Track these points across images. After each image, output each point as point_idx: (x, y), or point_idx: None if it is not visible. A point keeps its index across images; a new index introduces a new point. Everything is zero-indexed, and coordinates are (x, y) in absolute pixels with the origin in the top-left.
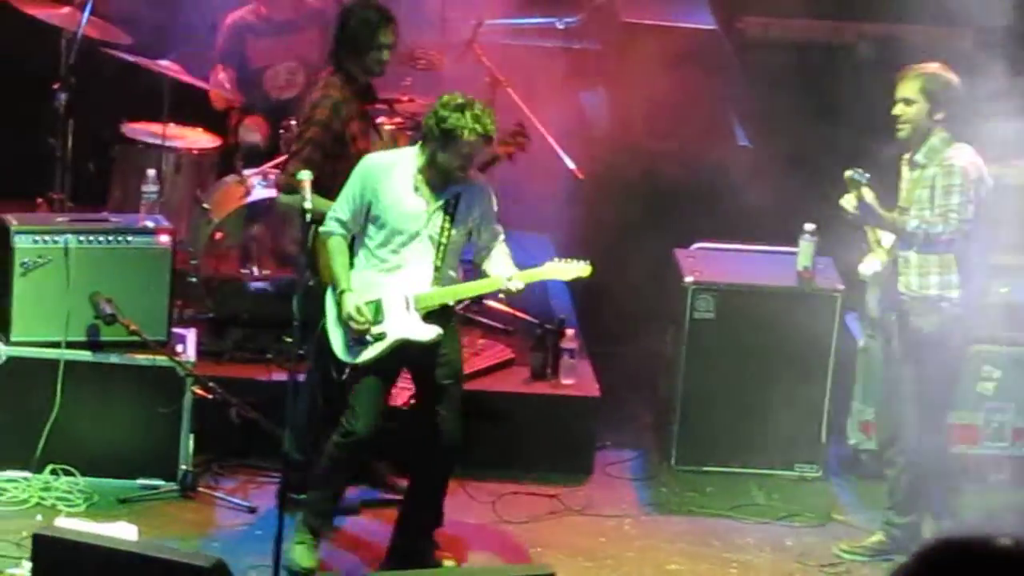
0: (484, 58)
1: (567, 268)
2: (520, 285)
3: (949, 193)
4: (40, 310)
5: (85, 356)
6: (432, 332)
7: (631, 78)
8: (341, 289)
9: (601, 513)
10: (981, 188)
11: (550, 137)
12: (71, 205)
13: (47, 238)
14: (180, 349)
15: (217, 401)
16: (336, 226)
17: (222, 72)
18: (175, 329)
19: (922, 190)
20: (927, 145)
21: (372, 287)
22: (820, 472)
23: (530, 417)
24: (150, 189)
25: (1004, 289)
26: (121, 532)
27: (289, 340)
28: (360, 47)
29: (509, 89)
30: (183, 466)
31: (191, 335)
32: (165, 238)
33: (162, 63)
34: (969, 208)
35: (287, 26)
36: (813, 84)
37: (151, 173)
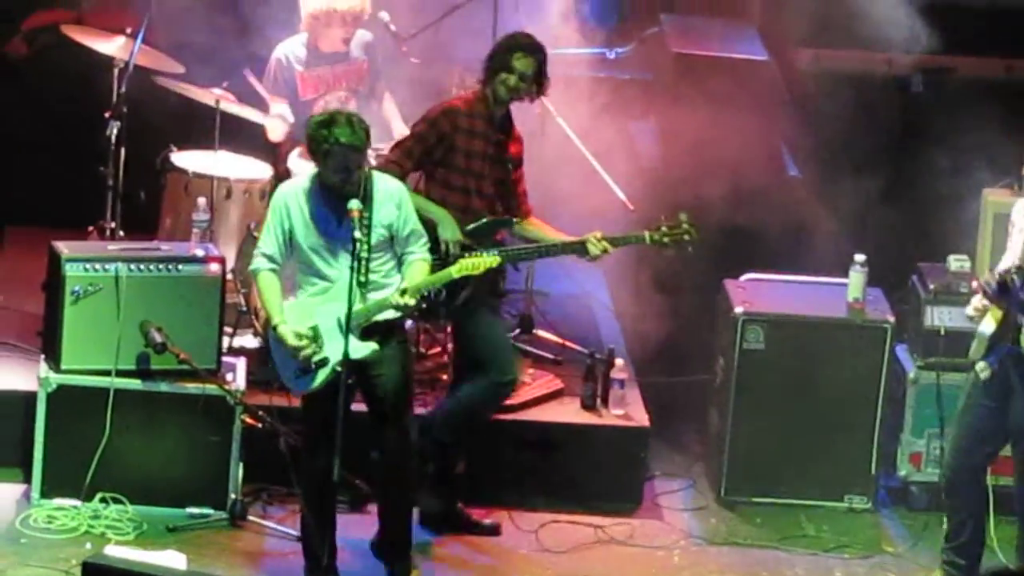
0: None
1: (476, 262)
2: (411, 301)
3: None
4: (90, 338)
5: (135, 384)
6: (366, 349)
7: (682, 109)
8: (275, 324)
9: (650, 544)
10: None
11: (600, 168)
12: (122, 234)
13: (98, 266)
14: (230, 378)
15: (266, 430)
16: (264, 261)
17: (279, 104)
18: (225, 358)
19: None
20: None
21: (308, 314)
22: (869, 504)
23: (579, 447)
24: (201, 218)
25: None
26: (170, 561)
27: (338, 369)
28: (494, 66)
29: (559, 119)
30: (232, 495)
31: (240, 364)
32: (215, 267)
33: (215, 91)
34: None
35: (337, 57)
36: (866, 116)
37: (202, 202)
